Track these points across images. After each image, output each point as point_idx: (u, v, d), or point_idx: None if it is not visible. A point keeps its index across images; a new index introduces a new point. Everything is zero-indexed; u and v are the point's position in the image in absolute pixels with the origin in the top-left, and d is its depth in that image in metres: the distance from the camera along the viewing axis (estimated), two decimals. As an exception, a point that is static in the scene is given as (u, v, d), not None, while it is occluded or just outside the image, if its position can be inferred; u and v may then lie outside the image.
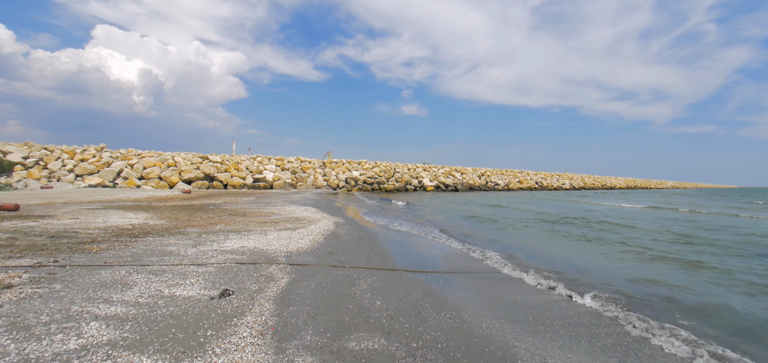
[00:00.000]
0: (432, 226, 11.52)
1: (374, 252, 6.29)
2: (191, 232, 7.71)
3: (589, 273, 5.83)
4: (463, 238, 9.00)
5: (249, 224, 9.08)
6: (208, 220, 9.79)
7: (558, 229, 10.71)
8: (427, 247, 7.60)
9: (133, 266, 4.83)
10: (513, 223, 12.37)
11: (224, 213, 11.51)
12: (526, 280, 5.23)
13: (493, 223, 12.60)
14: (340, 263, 5.21)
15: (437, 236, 9.09)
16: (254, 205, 14.35)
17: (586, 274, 5.80)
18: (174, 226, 8.46)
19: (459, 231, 10.45)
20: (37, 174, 26.23)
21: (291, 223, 9.62)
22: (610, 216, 16.26)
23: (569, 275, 5.61)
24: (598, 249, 7.95)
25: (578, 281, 5.29)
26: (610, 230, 11.17)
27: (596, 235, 9.94)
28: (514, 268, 5.89)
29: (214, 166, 31.35)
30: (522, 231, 10.58)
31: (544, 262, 6.63)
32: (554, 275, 5.52)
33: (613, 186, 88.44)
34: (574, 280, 5.30)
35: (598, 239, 8.93)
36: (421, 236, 9.03)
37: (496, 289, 4.71)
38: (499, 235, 9.81)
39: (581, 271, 5.94)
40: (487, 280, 5.18)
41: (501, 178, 57.27)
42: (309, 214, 11.79)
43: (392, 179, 41.24)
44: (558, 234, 10.08)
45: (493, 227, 11.55)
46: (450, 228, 11.15)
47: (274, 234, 7.54)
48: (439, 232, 9.83)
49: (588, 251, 7.62)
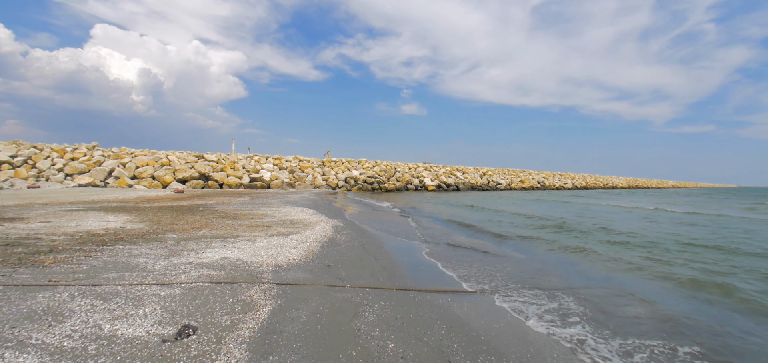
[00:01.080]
0: (443, 228, 10.55)
1: (380, 264, 5.32)
2: (169, 238, 6.74)
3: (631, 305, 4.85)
4: (480, 245, 8.02)
5: (238, 229, 8.10)
6: (193, 223, 8.82)
7: (586, 243, 9.64)
8: (447, 250, 6.62)
9: (81, 286, 3.87)
10: (531, 232, 11.38)
11: (213, 215, 10.54)
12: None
13: (511, 227, 11.64)
14: (339, 282, 4.24)
15: (450, 243, 8.12)
16: (247, 207, 13.38)
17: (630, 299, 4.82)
18: (153, 231, 7.50)
19: (474, 236, 9.48)
20: (25, 173, 25.23)
21: (285, 227, 8.65)
22: (629, 220, 15.30)
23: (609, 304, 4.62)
24: (645, 275, 6.81)
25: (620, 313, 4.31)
26: (640, 240, 10.18)
27: (639, 257, 8.62)
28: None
29: (210, 165, 30.36)
30: (545, 243, 9.53)
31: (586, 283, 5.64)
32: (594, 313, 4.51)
33: (615, 185, 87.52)
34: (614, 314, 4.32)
35: (640, 268, 6.73)
36: (432, 243, 8.05)
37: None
38: (524, 245, 8.76)
39: (620, 293, 4.96)
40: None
41: (503, 178, 56.30)
42: (305, 217, 10.81)
43: (393, 179, 40.26)
44: (589, 248, 9.07)
45: (512, 231, 10.59)
46: (463, 233, 10.19)
47: (264, 241, 6.57)
48: (452, 238, 8.86)
49: (633, 276, 6.35)
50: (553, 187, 63.48)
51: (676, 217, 16.20)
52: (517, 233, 10.14)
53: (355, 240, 7.19)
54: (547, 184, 62.57)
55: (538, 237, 9.36)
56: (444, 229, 10.66)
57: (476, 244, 7.99)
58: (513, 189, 53.64)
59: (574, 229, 10.97)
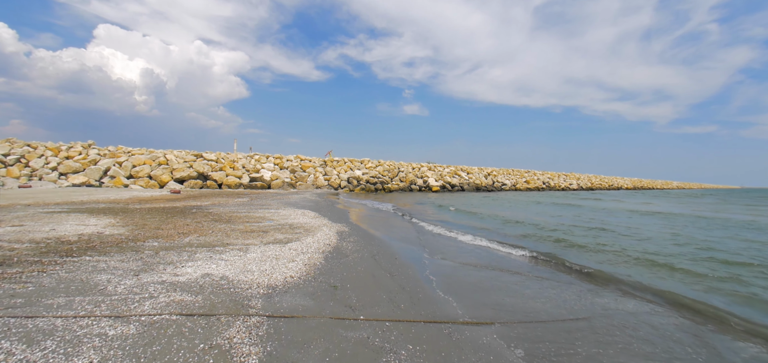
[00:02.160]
0: (460, 232, 9.58)
1: (397, 283, 4.35)
2: (148, 247, 5.79)
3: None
4: (511, 263, 7.00)
5: (230, 235, 7.15)
6: (181, 228, 7.87)
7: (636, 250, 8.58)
8: (471, 270, 5.62)
9: (11, 319, 2.92)
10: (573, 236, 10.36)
11: (205, 218, 9.59)
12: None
13: (554, 231, 10.64)
14: (350, 311, 3.27)
15: (475, 250, 7.13)
16: (244, 208, 12.43)
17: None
18: (132, 238, 6.56)
19: (498, 246, 8.44)
20: (18, 172, 24.39)
21: (283, 232, 7.70)
22: (649, 217, 14.26)
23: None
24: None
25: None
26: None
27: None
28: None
29: (209, 165, 29.45)
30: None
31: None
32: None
33: (619, 186, 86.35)
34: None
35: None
36: (453, 250, 7.07)
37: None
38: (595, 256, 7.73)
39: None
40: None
41: (508, 178, 55.24)
42: (306, 220, 9.86)
43: (396, 179, 39.28)
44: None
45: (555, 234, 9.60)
46: (482, 240, 9.20)
47: (258, 251, 5.61)
48: (475, 246, 7.86)
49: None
50: (559, 187, 62.42)
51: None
52: (551, 247, 9.15)
53: (364, 249, 6.23)
54: (553, 185, 61.50)
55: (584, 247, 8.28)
56: (463, 231, 9.70)
57: (504, 259, 7.01)
58: (518, 189, 52.58)
59: (624, 250, 9.91)
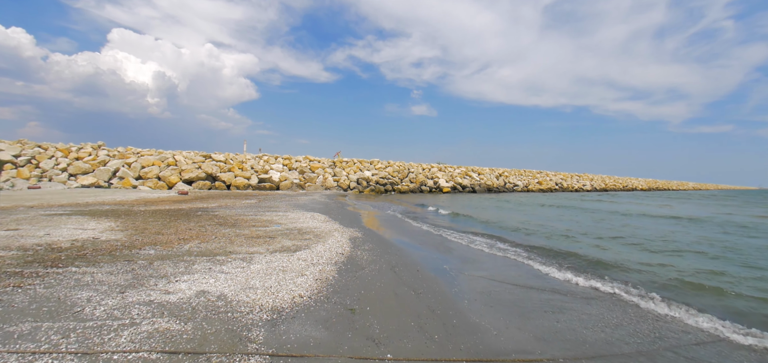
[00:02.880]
0: (483, 239, 8.89)
1: (425, 303, 3.70)
2: (143, 255, 5.25)
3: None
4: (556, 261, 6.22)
5: (234, 241, 6.59)
6: (183, 233, 7.34)
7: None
8: (507, 288, 4.93)
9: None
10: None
11: (210, 221, 9.07)
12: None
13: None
14: (373, 347, 2.63)
15: (504, 263, 6.41)
16: (252, 211, 11.91)
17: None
18: (129, 244, 6.04)
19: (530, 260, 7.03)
20: (28, 173, 24.38)
21: (291, 238, 7.11)
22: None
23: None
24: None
25: None
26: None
27: None
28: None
29: (217, 166, 29.17)
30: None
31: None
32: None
33: (634, 187, 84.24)
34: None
35: None
36: (481, 262, 6.37)
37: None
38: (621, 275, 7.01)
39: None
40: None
41: (519, 179, 54.07)
42: (316, 225, 9.27)
43: (406, 180, 38.59)
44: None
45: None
46: (507, 250, 8.47)
47: (263, 261, 5.02)
48: (513, 254, 7.14)
49: None
50: (572, 188, 61.00)
51: None
52: (592, 254, 8.39)
53: (381, 259, 5.59)
54: (565, 186, 60.12)
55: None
56: (487, 243, 9.00)
57: (540, 276, 6.29)
58: (530, 191, 51.40)
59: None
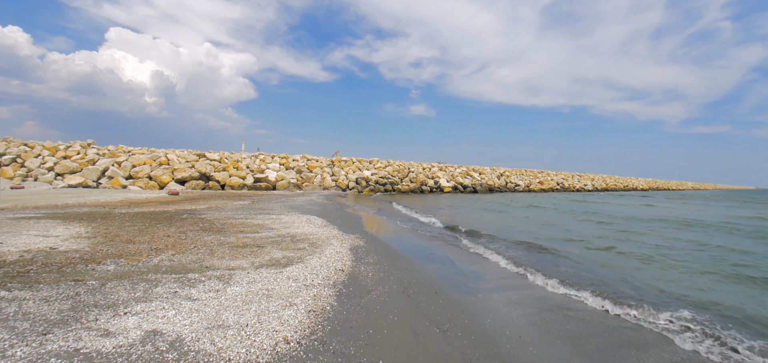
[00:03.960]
0: (503, 247, 7.98)
1: (457, 348, 2.77)
2: (100, 273, 4.32)
3: None
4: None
5: (215, 252, 5.65)
6: (158, 241, 6.41)
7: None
8: (556, 318, 3.93)
9: None
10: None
11: (193, 226, 8.13)
12: None
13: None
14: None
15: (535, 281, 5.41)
16: (242, 213, 10.97)
17: None
18: (89, 257, 5.10)
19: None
20: (12, 173, 23.36)
21: (283, 247, 6.18)
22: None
23: None
24: None
25: None
26: None
27: None
28: None
29: (212, 165, 28.18)
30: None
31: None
32: None
33: (635, 187, 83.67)
34: None
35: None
36: (514, 279, 5.42)
37: None
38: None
39: None
40: None
41: (521, 179, 53.25)
42: (312, 230, 8.34)
43: (406, 179, 37.69)
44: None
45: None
46: (531, 260, 7.51)
47: (243, 282, 4.10)
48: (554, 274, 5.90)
49: None
50: (573, 188, 60.30)
51: None
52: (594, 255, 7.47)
53: (390, 276, 4.66)
54: (567, 186, 59.40)
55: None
56: (505, 249, 8.09)
57: (577, 304, 5.15)
58: (532, 191, 50.60)
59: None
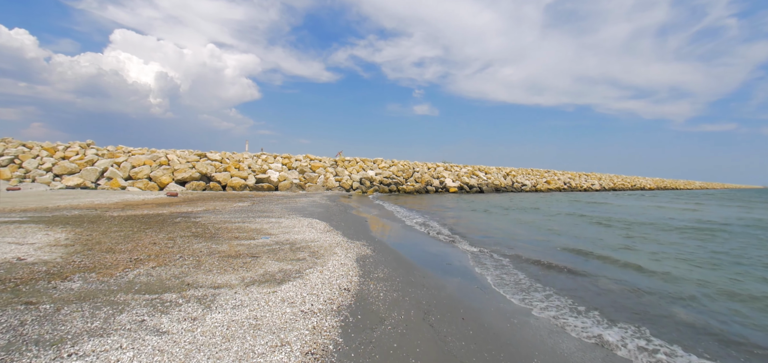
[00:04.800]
0: (527, 263, 7.23)
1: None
2: (61, 293, 3.62)
3: None
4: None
5: (202, 263, 4.95)
6: (141, 250, 5.72)
7: None
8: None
9: None
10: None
11: (185, 232, 7.44)
12: None
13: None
14: None
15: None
16: (240, 216, 10.27)
17: None
18: (59, 270, 4.42)
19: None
20: (9, 174, 22.86)
21: (280, 258, 5.47)
22: None
23: None
24: None
25: None
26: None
27: None
28: None
29: (213, 165, 27.58)
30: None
31: None
32: None
33: (643, 186, 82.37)
34: None
35: None
36: (543, 292, 4.67)
37: None
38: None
39: None
40: None
41: (527, 179, 52.30)
42: (314, 236, 7.62)
43: (411, 180, 36.93)
44: None
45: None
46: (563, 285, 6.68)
47: (228, 306, 3.38)
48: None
49: None
50: (580, 187, 59.27)
51: None
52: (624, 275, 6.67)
53: (406, 297, 3.93)
54: (574, 185, 58.38)
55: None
56: (528, 257, 7.34)
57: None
58: (539, 190, 49.66)
59: None
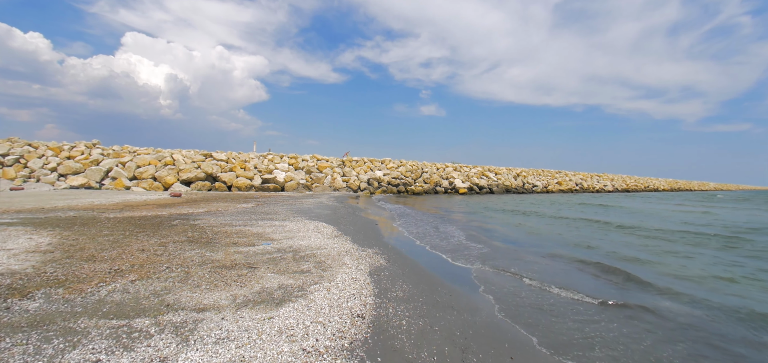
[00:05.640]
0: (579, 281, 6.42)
1: None
2: (12, 316, 2.97)
3: None
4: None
5: (190, 276, 4.28)
6: (126, 258, 5.07)
7: None
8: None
9: None
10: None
11: (179, 237, 6.80)
12: None
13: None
14: None
15: None
16: (242, 219, 9.63)
17: None
18: (23, 284, 3.79)
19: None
20: (14, 173, 22.66)
21: (281, 270, 4.78)
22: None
23: None
24: None
25: None
26: None
27: None
28: None
29: (218, 165, 27.15)
30: None
31: None
32: None
33: (656, 188, 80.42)
34: None
35: None
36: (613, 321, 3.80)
37: None
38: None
39: None
40: None
41: (538, 180, 51.13)
42: (321, 242, 6.92)
43: (420, 180, 36.15)
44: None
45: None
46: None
47: (208, 341, 2.70)
48: None
49: None
50: (592, 189, 57.86)
51: None
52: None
53: (434, 326, 3.19)
54: (586, 187, 56.99)
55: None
56: (567, 265, 6.55)
57: None
58: (550, 191, 48.49)
59: None
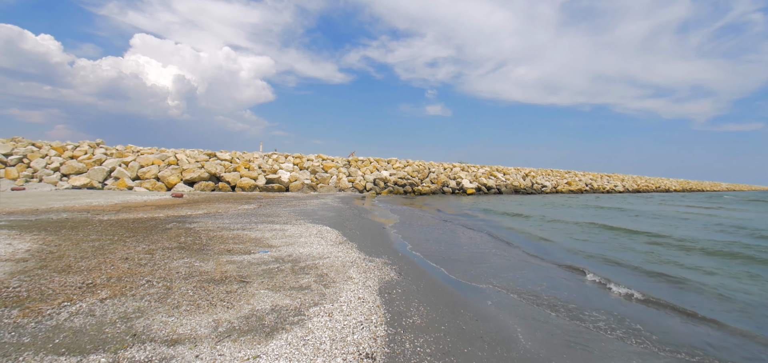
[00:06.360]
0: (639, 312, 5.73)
1: None
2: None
3: None
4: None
5: (171, 292, 3.70)
6: (104, 268, 4.51)
7: None
8: None
9: None
10: None
11: (169, 244, 6.23)
12: None
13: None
14: None
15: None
16: (241, 222, 9.06)
17: None
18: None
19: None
20: (16, 173, 22.42)
21: (276, 285, 4.18)
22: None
23: None
24: None
25: None
26: None
27: None
28: None
29: (222, 165, 26.73)
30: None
31: None
32: None
33: (667, 188, 78.74)
34: None
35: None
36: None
37: None
38: None
39: None
40: None
41: (547, 180, 50.11)
42: (324, 250, 6.31)
43: (427, 180, 35.46)
44: None
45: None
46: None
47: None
48: None
49: None
50: (603, 189, 56.65)
51: None
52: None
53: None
54: (596, 187, 55.83)
55: None
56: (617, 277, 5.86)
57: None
58: (560, 192, 47.47)
59: None
